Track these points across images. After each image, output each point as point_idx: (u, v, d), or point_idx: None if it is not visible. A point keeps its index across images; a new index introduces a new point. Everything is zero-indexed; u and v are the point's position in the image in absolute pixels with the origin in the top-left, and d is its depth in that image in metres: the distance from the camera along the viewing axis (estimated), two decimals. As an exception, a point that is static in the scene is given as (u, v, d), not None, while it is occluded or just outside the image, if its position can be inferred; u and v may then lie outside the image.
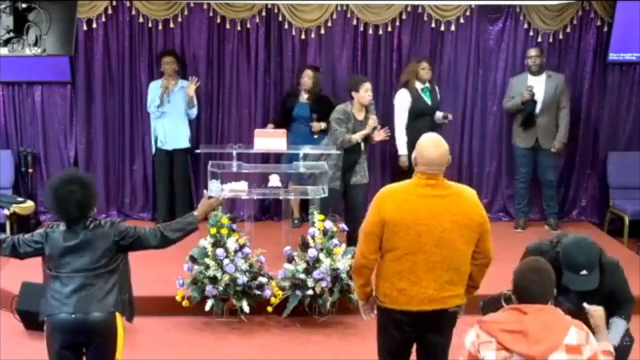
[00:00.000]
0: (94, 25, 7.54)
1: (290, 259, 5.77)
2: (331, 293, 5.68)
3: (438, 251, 3.71)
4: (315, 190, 6.15)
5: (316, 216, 5.86)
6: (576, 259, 3.73)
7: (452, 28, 7.72)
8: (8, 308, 5.71)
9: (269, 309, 5.73)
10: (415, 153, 3.84)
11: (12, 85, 7.67)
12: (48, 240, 3.81)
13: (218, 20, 7.62)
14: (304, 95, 7.37)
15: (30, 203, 7.40)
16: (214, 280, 5.60)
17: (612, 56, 7.70)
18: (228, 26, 7.63)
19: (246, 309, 5.64)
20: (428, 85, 7.27)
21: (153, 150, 7.57)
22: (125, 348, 3.91)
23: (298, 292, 5.67)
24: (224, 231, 5.71)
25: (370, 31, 7.68)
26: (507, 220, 7.95)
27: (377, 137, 6.60)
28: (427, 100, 7.25)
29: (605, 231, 7.73)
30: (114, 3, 7.54)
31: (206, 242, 5.68)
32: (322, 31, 7.67)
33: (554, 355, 3.02)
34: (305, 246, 5.76)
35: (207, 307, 5.64)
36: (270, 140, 6.35)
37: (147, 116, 7.58)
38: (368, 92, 6.44)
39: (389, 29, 7.68)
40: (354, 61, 7.76)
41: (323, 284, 5.64)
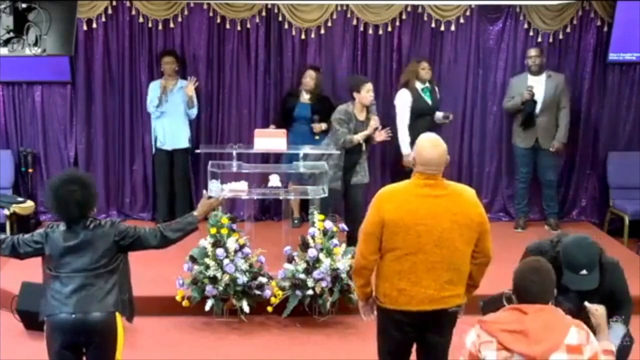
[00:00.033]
0: (94, 25, 7.54)
1: (290, 259, 5.76)
2: (331, 293, 5.68)
3: (438, 251, 3.71)
4: (315, 190, 6.14)
5: (316, 216, 5.86)
6: (576, 259, 3.73)
7: (452, 28, 7.72)
8: (8, 308, 5.71)
9: (269, 309, 5.73)
10: (413, 153, 3.84)
11: (12, 85, 7.67)
12: (48, 240, 3.81)
13: (218, 20, 7.62)
14: (305, 95, 7.37)
15: (30, 203, 7.40)
16: (214, 280, 5.60)
17: (612, 56, 7.70)
18: (228, 26, 7.63)
19: (246, 309, 5.64)
20: (428, 85, 7.27)
21: (153, 150, 7.57)
22: (125, 348, 3.91)
23: (298, 292, 5.67)
24: (224, 231, 5.71)
25: (370, 31, 7.68)
26: (507, 220, 7.94)
27: (379, 138, 6.61)
28: (428, 100, 7.25)
29: (605, 231, 7.72)
30: (114, 3, 7.54)
31: (206, 242, 5.68)
32: (322, 31, 7.67)
33: (555, 355, 3.01)
34: (305, 246, 5.76)
35: (207, 307, 5.64)
36: (270, 140, 6.35)
37: (147, 116, 7.58)
38: (370, 93, 6.45)
39: (389, 29, 7.68)
40: (354, 61, 7.76)
41: (323, 284, 5.63)
